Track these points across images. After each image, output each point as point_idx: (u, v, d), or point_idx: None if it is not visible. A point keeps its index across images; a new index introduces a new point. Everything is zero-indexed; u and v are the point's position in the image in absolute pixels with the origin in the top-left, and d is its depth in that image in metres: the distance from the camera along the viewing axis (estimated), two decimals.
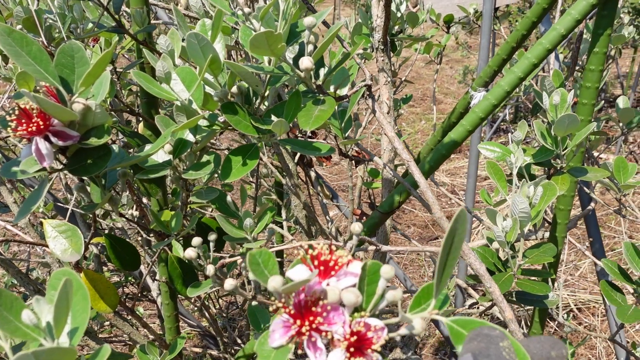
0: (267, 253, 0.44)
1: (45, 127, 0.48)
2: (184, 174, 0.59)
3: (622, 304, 0.89)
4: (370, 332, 0.41)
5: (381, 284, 0.41)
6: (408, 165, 0.65)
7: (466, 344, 0.34)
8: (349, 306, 0.41)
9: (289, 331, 0.41)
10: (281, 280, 0.40)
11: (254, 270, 0.43)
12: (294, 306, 0.41)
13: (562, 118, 0.76)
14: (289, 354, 0.41)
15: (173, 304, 1.07)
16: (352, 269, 0.43)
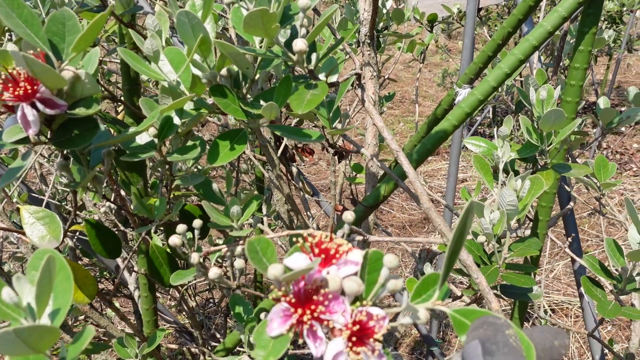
0: (265, 240, 0.42)
1: (32, 92, 0.46)
2: (169, 157, 0.57)
3: (602, 299, 0.90)
4: (372, 321, 0.40)
5: (383, 273, 0.41)
6: (397, 156, 0.65)
7: (471, 332, 0.34)
8: (350, 295, 0.40)
9: (287, 320, 0.40)
10: (282, 269, 0.39)
11: (252, 258, 0.41)
12: (294, 295, 0.40)
13: (548, 113, 0.76)
14: (288, 343, 0.39)
15: (152, 296, 1.05)
16: (352, 258, 0.43)
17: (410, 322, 0.40)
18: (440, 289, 0.39)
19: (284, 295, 0.41)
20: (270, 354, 0.39)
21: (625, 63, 5.76)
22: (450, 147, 1.97)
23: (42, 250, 0.37)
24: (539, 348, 0.34)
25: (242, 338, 0.72)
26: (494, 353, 0.32)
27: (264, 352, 0.39)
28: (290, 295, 0.40)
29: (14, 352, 0.31)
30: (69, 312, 1.51)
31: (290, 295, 0.40)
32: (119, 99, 0.84)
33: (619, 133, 4.52)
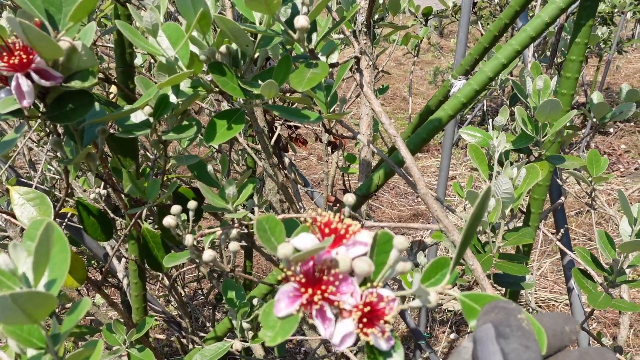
0: (274, 219, 0.42)
1: (27, 62, 0.45)
2: (165, 136, 0.56)
3: (593, 291, 0.90)
4: (382, 302, 0.39)
5: (393, 255, 0.40)
6: (395, 141, 0.65)
7: (482, 316, 0.34)
8: (360, 276, 0.40)
9: (295, 300, 0.39)
10: (292, 248, 0.39)
11: (261, 237, 0.41)
12: (303, 274, 0.39)
13: (544, 103, 0.76)
14: (297, 323, 0.39)
15: (141, 283, 1.04)
16: (361, 238, 0.42)
17: (420, 305, 0.39)
18: (451, 273, 0.39)
19: (293, 275, 0.40)
20: (278, 334, 0.38)
21: (615, 65, 5.81)
22: (442, 143, 1.98)
23: (39, 219, 0.37)
24: (550, 333, 0.34)
25: (234, 323, 0.71)
26: (508, 336, 0.31)
27: (272, 333, 0.38)
28: (300, 275, 0.40)
29: (9, 319, 0.30)
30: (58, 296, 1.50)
31: (300, 275, 0.40)
32: (113, 80, 0.83)
33: (607, 133, 4.57)
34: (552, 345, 0.34)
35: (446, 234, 0.62)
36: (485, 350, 0.31)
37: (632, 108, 1.26)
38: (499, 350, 0.31)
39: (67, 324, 0.34)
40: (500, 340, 0.31)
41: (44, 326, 0.35)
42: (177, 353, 2.39)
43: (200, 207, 0.68)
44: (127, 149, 0.88)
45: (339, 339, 0.39)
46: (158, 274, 1.61)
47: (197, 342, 1.26)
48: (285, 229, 0.81)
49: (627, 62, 6.03)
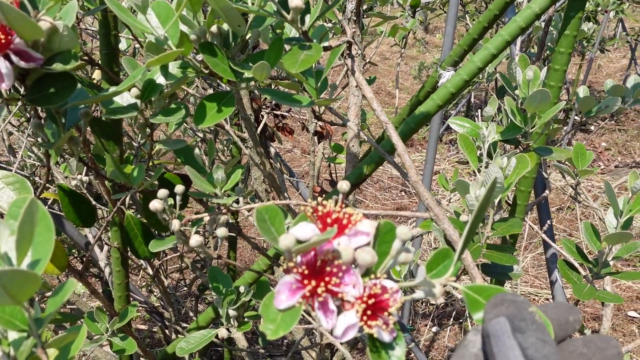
0: (274, 209, 0.41)
1: (6, 43, 0.43)
2: (153, 118, 0.55)
3: (577, 282, 0.91)
4: (386, 294, 0.39)
5: (396, 245, 0.39)
6: (386, 128, 0.64)
7: (491, 309, 0.33)
8: (362, 267, 0.39)
9: (297, 292, 0.39)
10: (294, 239, 0.38)
11: (260, 228, 0.40)
12: (306, 266, 0.38)
13: (534, 94, 0.76)
14: (299, 316, 0.38)
15: (124, 271, 1.02)
16: (362, 228, 0.41)
17: (424, 297, 0.39)
18: (455, 265, 0.38)
19: (295, 266, 0.39)
20: (279, 327, 0.37)
21: (597, 64, 5.87)
22: (428, 137, 1.98)
23: (21, 197, 0.35)
24: (555, 324, 0.34)
25: (220, 311, 0.70)
26: (524, 330, 0.31)
27: (273, 326, 0.37)
28: (302, 267, 0.39)
29: None
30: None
31: (302, 266, 0.39)
32: (97, 63, 0.81)
33: (588, 131, 4.62)
34: (557, 336, 0.34)
35: (437, 223, 0.62)
36: (502, 345, 0.31)
37: (617, 102, 1.27)
38: (516, 345, 0.30)
39: (52, 305, 0.33)
40: (517, 334, 0.31)
41: (27, 307, 0.34)
42: (158, 344, 2.37)
43: (186, 193, 0.66)
44: (111, 133, 0.86)
45: (342, 331, 0.38)
46: (140, 264, 1.59)
47: (180, 332, 1.25)
48: None
49: (609, 61, 6.11)
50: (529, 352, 0.30)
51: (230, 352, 1.84)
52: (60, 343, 0.39)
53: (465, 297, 0.38)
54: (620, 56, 6.24)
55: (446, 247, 0.42)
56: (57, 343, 0.39)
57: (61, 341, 0.38)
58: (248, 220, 1.95)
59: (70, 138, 0.55)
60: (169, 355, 1.12)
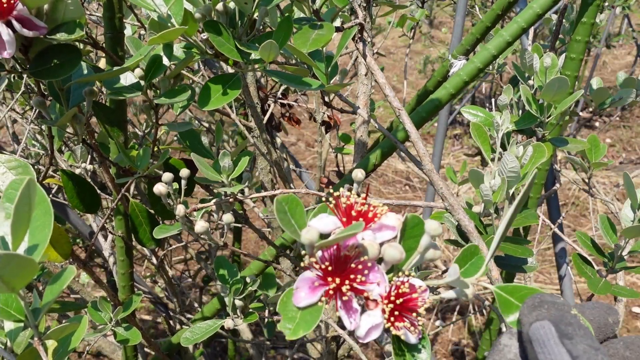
0: (294, 199, 0.39)
1: (8, 8, 0.41)
2: (157, 100, 0.53)
3: (592, 277, 0.88)
4: (414, 293, 0.36)
5: (424, 241, 0.37)
6: (399, 114, 0.62)
7: (529, 312, 0.31)
8: (389, 263, 0.37)
9: (318, 289, 0.36)
10: (317, 234, 0.36)
11: (280, 219, 0.37)
12: (329, 262, 0.36)
13: (552, 81, 0.73)
14: (320, 314, 0.36)
15: (128, 260, 1.00)
16: (387, 222, 0.39)
17: (454, 297, 0.37)
18: (487, 264, 0.36)
19: (317, 262, 0.37)
20: (299, 326, 0.35)
21: (602, 61, 5.81)
22: (436, 129, 1.95)
23: (18, 178, 0.33)
24: (595, 326, 0.31)
25: (226, 301, 0.68)
26: (572, 336, 0.28)
27: (292, 325, 0.35)
28: (326, 263, 0.36)
29: None
30: (39, 277, 1.45)
31: (326, 262, 0.36)
32: (101, 46, 0.79)
33: (593, 127, 4.58)
34: (597, 338, 0.32)
35: (451, 213, 0.59)
36: (549, 352, 0.28)
37: (632, 94, 1.24)
38: (565, 352, 0.28)
39: (50, 294, 0.31)
40: (564, 340, 0.28)
41: (23, 296, 0.32)
42: (163, 335, 2.36)
43: (192, 179, 0.64)
44: (115, 119, 0.84)
45: (365, 331, 0.36)
46: (144, 255, 1.58)
47: (184, 322, 1.24)
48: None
49: (614, 58, 6.04)
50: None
51: (235, 343, 1.83)
52: (60, 334, 0.37)
53: (497, 297, 0.35)
54: (625, 53, 6.17)
55: (473, 244, 0.40)
56: (57, 334, 0.37)
57: (61, 332, 0.36)
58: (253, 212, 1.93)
59: (73, 116, 0.53)
60: (173, 345, 1.11)
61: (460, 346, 2.45)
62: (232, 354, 1.84)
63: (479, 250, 0.42)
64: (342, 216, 0.39)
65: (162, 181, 0.54)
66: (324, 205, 0.42)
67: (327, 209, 0.42)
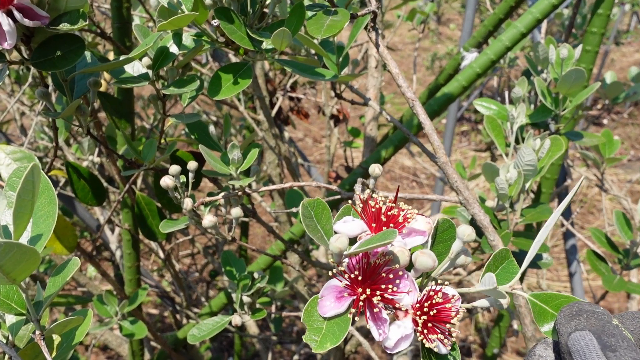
0: (321, 204, 0.37)
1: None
2: (165, 89, 0.51)
3: (606, 274, 0.87)
4: (448, 303, 0.35)
5: (456, 247, 0.36)
6: (413, 105, 0.60)
7: (567, 321, 0.29)
8: (420, 271, 0.35)
9: (345, 299, 0.35)
10: (347, 241, 0.34)
11: (306, 225, 0.36)
12: (358, 271, 0.34)
13: (569, 73, 0.71)
14: (348, 326, 0.34)
15: (135, 254, 0.99)
16: (418, 226, 0.37)
17: (488, 306, 0.35)
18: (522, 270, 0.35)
19: (345, 271, 0.35)
20: (326, 338, 0.33)
21: (610, 58, 5.76)
22: (440, 126, 1.94)
23: (22, 166, 0.32)
24: (636, 337, 0.30)
25: (234, 297, 0.67)
26: (615, 348, 0.27)
27: (318, 337, 0.33)
28: (356, 272, 0.34)
29: None
30: (46, 270, 1.45)
31: (356, 271, 0.34)
32: (108, 36, 0.78)
33: (601, 125, 4.53)
34: None
35: (466, 207, 0.58)
36: None
37: None
38: None
39: (52, 286, 0.30)
40: (608, 353, 0.27)
41: (25, 288, 0.30)
42: (170, 329, 2.36)
43: (200, 172, 0.63)
44: (123, 111, 0.83)
45: (394, 342, 0.34)
46: (151, 249, 1.57)
47: (191, 317, 1.23)
48: (288, 201, 0.75)
49: (622, 56, 5.98)
50: None
51: (241, 338, 1.82)
52: (63, 328, 0.35)
53: (531, 306, 0.34)
54: (634, 50, 6.10)
55: (504, 247, 0.38)
56: (60, 328, 0.35)
57: (64, 326, 0.35)
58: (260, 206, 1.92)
59: (77, 108, 0.51)
60: (179, 340, 1.10)
61: (466, 343, 2.43)
62: (239, 349, 1.84)
63: (510, 254, 0.40)
64: (370, 220, 0.37)
65: (169, 174, 0.52)
66: (348, 207, 0.41)
67: (351, 210, 0.41)
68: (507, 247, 0.68)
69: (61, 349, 0.41)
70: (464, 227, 0.36)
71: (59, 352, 0.41)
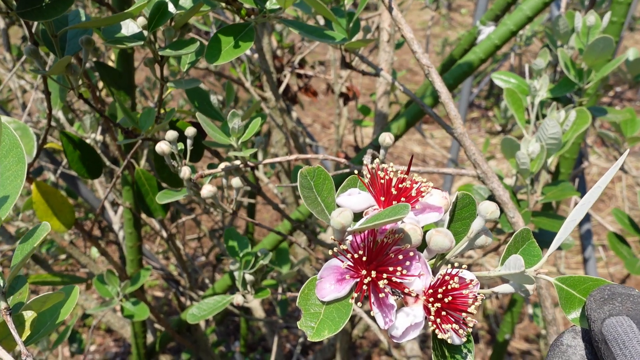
0: (322, 173, 0.32)
1: None
2: (161, 51, 0.47)
3: (628, 257, 0.82)
4: (465, 289, 0.30)
5: (476, 225, 0.31)
6: (428, 72, 0.56)
7: (599, 306, 0.26)
8: (434, 252, 0.31)
9: (346, 282, 0.31)
10: (351, 216, 0.30)
11: (305, 197, 0.31)
12: (362, 250, 0.30)
13: (596, 41, 0.67)
14: (350, 312, 0.30)
15: (136, 233, 0.96)
16: (433, 201, 0.33)
17: (512, 291, 0.31)
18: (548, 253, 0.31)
19: (348, 250, 0.31)
20: (324, 325, 0.29)
21: (623, 45, 5.64)
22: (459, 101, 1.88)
23: None
24: None
25: (235, 275, 0.64)
26: None
27: (315, 323, 0.29)
28: (360, 252, 0.30)
29: None
30: (49, 249, 1.43)
31: (359, 250, 0.30)
32: (107, 3, 0.73)
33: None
34: None
35: (484, 181, 0.54)
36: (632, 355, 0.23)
37: None
38: None
39: (20, 254, 0.26)
40: None
41: None
42: (176, 313, 2.34)
43: (200, 143, 0.59)
44: (122, 82, 0.79)
45: (402, 331, 0.30)
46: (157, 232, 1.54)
47: (195, 299, 1.20)
48: (294, 177, 0.70)
49: (635, 43, 5.86)
50: None
51: (247, 322, 1.80)
52: (42, 305, 0.32)
53: (558, 291, 0.30)
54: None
55: (525, 228, 0.34)
56: (38, 305, 0.32)
57: (42, 303, 0.31)
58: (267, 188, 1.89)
59: (67, 66, 0.48)
60: (183, 322, 1.07)
61: (474, 329, 2.40)
62: (245, 332, 1.82)
63: (531, 235, 0.36)
64: (379, 194, 0.33)
65: (165, 139, 0.49)
66: (354, 178, 0.36)
67: (357, 182, 0.36)
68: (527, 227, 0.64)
69: (45, 327, 0.38)
70: (487, 203, 0.32)
71: (43, 330, 0.37)
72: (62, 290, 0.38)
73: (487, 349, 2.15)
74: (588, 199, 0.31)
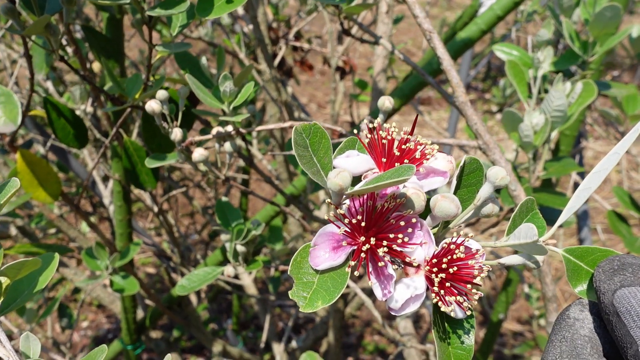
0: (318, 130, 0.30)
1: None
2: (150, 11, 0.45)
3: (627, 235, 0.81)
4: (471, 260, 0.29)
5: (484, 192, 0.29)
6: (430, 38, 0.53)
7: (608, 277, 0.24)
8: (439, 219, 0.29)
9: (342, 249, 0.28)
10: (349, 178, 0.27)
11: (299, 156, 0.29)
12: (361, 215, 0.28)
13: (603, 10, 0.64)
14: (346, 281, 0.27)
15: (126, 206, 0.94)
16: (437, 165, 0.30)
17: (521, 263, 0.29)
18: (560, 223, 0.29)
19: (345, 215, 0.29)
20: (317, 295, 0.27)
21: (622, 28, 5.60)
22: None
23: None
24: None
25: (227, 246, 0.62)
26: None
27: (307, 293, 0.27)
28: (358, 217, 0.28)
29: None
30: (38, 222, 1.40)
31: (358, 216, 0.28)
32: None
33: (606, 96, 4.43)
34: None
35: (486, 152, 0.52)
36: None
37: None
38: None
39: None
40: None
41: None
42: (168, 290, 2.33)
43: (191, 112, 0.57)
44: (111, 50, 0.76)
45: (401, 304, 0.28)
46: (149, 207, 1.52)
47: (185, 274, 1.19)
48: (289, 147, 0.68)
49: None
50: None
51: (240, 300, 1.79)
52: (18, 271, 0.30)
53: (565, 263, 0.28)
54: None
55: (530, 197, 0.32)
56: (14, 272, 0.30)
57: (18, 269, 0.29)
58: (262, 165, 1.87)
59: (47, 27, 0.45)
60: (173, 298, 1.06)
61: None
62: (237, 310, 1.81)
63: (535, 205, 0.34)
64: (379, 155, 0.31)
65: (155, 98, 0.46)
66: (353, 139, 0.34)
67: (356, 143, 0.34)
68: None
69: (22, 295, 0.36)
70: (496, 168, 0.30)
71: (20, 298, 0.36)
72: (40, 257, 0.36)
73: (479, 329, 2.16)
74: (604, 165, 0.29)
